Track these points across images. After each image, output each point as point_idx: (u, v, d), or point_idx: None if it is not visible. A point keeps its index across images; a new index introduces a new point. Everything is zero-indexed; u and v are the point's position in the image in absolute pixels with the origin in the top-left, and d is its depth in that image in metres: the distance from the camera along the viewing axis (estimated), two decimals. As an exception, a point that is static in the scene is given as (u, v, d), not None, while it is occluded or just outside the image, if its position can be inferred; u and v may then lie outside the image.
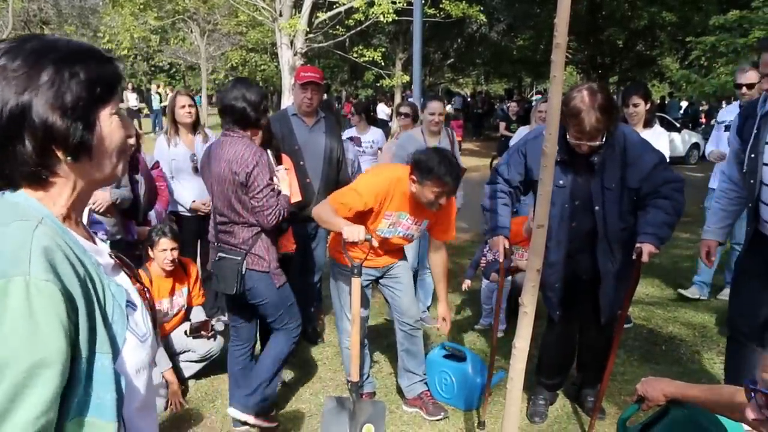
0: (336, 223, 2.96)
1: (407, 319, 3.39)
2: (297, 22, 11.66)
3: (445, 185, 2.91)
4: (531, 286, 2.27)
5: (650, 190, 2.86)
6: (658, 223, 2.80)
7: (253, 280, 3.03)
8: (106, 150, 1.02)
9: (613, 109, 2.77)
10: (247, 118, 3.01)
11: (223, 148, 2.98)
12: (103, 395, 0.93)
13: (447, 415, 3.40)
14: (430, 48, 24.59)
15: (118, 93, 1.04)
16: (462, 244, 7.09)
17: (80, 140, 0.97)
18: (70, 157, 0.98)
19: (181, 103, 4.32)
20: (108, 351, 0.94)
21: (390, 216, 3.11)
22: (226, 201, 3.00)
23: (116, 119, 1.03)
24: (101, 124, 1.00)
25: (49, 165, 0.98)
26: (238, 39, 21.32)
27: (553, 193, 2.90)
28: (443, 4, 13.20)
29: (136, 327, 1.04)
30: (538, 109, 5.35)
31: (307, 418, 3.42)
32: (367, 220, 3.09)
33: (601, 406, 3.39)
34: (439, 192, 2.94)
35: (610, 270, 3.04)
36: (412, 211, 3.14)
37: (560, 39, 1.95)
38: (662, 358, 4.11)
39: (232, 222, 3.03)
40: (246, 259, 3.01)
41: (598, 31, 19.31)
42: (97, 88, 0.99)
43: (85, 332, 0.91)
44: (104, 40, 17.32)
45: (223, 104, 3.04)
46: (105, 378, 0.93)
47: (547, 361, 3.43)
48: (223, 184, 2.97)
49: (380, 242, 3.15)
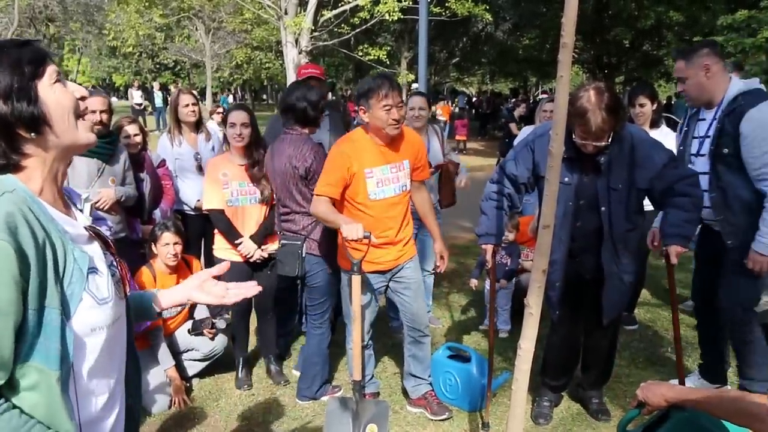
0: (335, 220, 2.96)
1: (417, 325, 3.35)
2: (302, 20, 11.64)
3: (386, 96, 2.94)
4: (537, 287, 2.25)
5: (664, 189, 2.83)
6: (681, 222, 2.79)
7: (310, 263, 3.36)
8: (59, 115, 1.16)
9: (620, 109, 2.74)
10: (307, 116, 3.39)
11: (284, 145, 3.36)
12: (48, 345, 1.06)
13: (451, 415, 3.38)
14: (435, 47, 24.59)
15: (48, 65, 1.17)
16: (467, 243, 7.06)
17: (31, 114, 1.12)
18: (33, 133, 1.13)
19: (185, 102, 4.30)
20: (57, 306, 1.07)
21: (371, 174, 3.07)
22: (288, 192, 3.37)
23: (58, 86, 1.17)
24: (43, 95, 1.14)
25: (17, 148, 1.14)
26: (243, 37, 21.37)
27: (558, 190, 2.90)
28: (449, 2, 13.15)
29: (97, 290, 1.17)
30: (543, 108, 5.33)
31: (311, 418, 3.41)
32: (358, 191, 3.07)
33: (606, 408, 3.38)
34: (387, 105, 2.95)
35: (615, 271, 3.01)
36: (386, 159, 3.11)
37: (567, 39, 1.93)
38: (667, 361, 4.08)
39: (293, 212, 3.39)
40: (305, 243, 3.35)
41: (605, 30, 19.20)
42: (24, 68, 1.13)
43: (35, 287, 1.05)
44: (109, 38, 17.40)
45: (285, 104, 3.42)
46: (52, 330, 1.06)
47: (551, 363, 3.41)
48: (285, 177, 3.34)
49: (384, 210, 3.11)
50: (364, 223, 2.90)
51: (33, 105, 1.13)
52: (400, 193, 3.17)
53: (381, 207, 3.11)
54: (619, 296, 3.12)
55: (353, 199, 3.10)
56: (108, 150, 3.57)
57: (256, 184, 3.59)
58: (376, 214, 3.10)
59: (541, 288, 2.26)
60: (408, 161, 3.20)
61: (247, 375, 3.80)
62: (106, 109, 3.57)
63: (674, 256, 2.80)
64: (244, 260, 3.60)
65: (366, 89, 3.01)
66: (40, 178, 1.17)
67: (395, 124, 3.01)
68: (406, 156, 3.19)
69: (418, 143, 3.33)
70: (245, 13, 16.45)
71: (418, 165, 3.29)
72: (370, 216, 3.08)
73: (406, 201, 3.25)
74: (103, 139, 3.56)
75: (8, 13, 22.75)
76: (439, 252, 3.42)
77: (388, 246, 3.17)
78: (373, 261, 3.13)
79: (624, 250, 2.99)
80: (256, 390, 3.73)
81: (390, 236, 3.15)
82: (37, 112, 1.13)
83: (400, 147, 3.17)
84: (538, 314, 2.28)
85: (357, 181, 3.07)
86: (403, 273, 3.29)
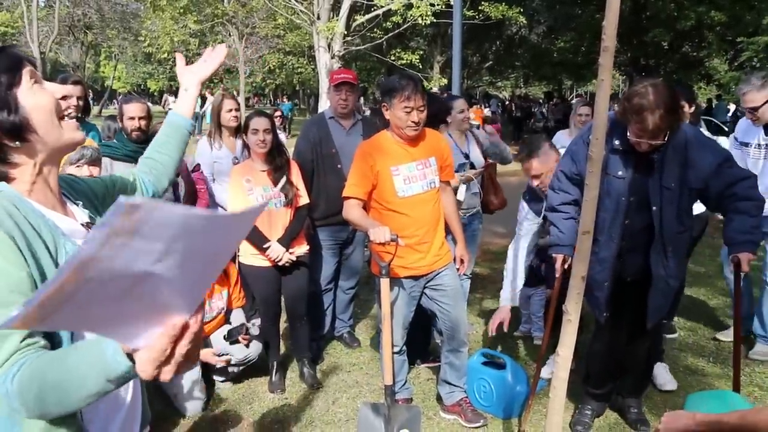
0: (364, 225, 3.00)
1: (456, 334, 3.30)
2: (335, 25, 11.72)
3: (408, 99, 2.95)
4: (575, 293, 2.21)
5: (722, 189, 2.74)
6: (749, 229, 2.70)
7: None
8: (42, 119, 1.15)
9: (678, 107, 2.67)
10: None
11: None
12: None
13: (486, 422, 3.34)
14: (468, 50, 24.48)
15: (23, 70, 1.15)
16: (500, 249, 6.98)
17: (13, 124, 1.11)
18: (17, 142, 1.13)
19: (228, 107, 4.33)
20: None
21: (397, 171, 3.07)
22: None
23: (36, 88, 1.15)
24: (23, 101, 1.13)
25: (3, 158, 1.14)
26: (275, 42, 21.59)
27: (610, 184, 2.84)
28: (482, 5, 13.10)
29: None
30: (578, 113, 5.25)
31: (344, 422, 3.40)
32: (385, 190, 3.07)
33: (645, 417, 3.30)
34: (408, 107, 2.96)
35: (662, 274, 2.92)
36: (411, 157, 3.11)
37: (608, 42, 1.89)
38: (709, 371, 3.97)
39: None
40: None
41: (642, 31, 18.84)
42: (1, 78, 1.11)
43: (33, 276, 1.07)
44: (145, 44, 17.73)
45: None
46: None
47: (595, 370, 3.31)
48: None
49: (414, 208, 3.08)
50: (396, 224, 2.90)
51: (14, 114, 1.12)
52: (429, 189, 3.14)
53: (411, 205, 3.09)
54: (665, 300, 3.02)
55: (383, 199, 3.09)
56: (147, 155, 3.64)
57: (280, 188, 3.62)
58: (407, 213, 3.08)
59: (580, 294, 2.21)
60: (435, 158, 3.18)
61: (281, 379, 3.82)
62: (144, 115, 3.64)
63: (746, 264, 2.67)
64: (273, 264, 3.62)
65: (390, 87, 3.04)
66: (29, 181, 1.17)
67: (414, 126, 3.01)
68: (432, 153, 3.18)
69: (443, 142, 3.33)
70: (278, 19, 16.67)
71: (443, 164, 3.27)
72: (400, 215, 3.06)
73: (437, 200, 3.21)
74: (141, 145, 3.62)
75: (48, 21, 23.43)
76: (459, 256, 3.37)
77: (422, 247, 3.13)
78: (408, 266, 3.11)
79: (673, 252, 2.89)
80: (289, 394, 3.74)
81: (421, 235, 3.11)
82: (18, 120, 1.12)
83: (425, 145, 3.16)
84: (576, 321, 2.23)
85: (384, 180, 3.07)
86: (439, 280, 3.24)
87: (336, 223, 4.06)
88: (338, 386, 3.83)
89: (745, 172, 2.86)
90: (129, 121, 3.60)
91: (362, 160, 3.10)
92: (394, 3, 11.77)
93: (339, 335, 4.47)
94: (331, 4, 12.43)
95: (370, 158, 3.07)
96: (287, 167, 3.68)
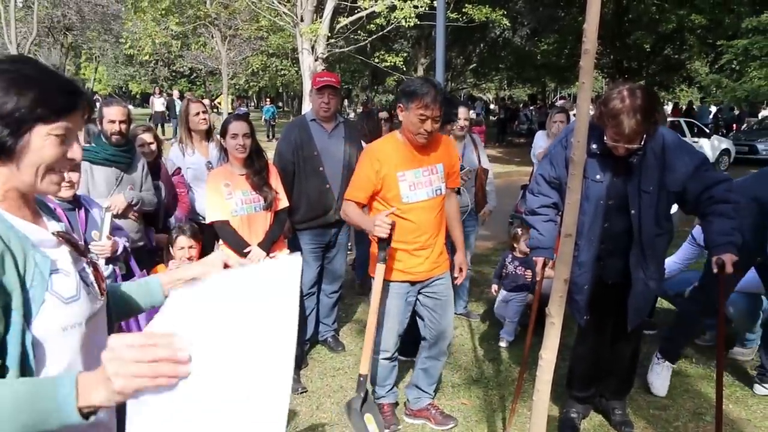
0: (363, 222, 3.02)
1: (440, 343, 3.28)
2: (318, 27, 11.68)
3: (426, 107, 2.88)
4: (558, 296, 2.20)
5: (700, 192, 2.77)
6: (729, 231, 2.71)
7: None
8: (30, 161, 1.14)
9: (655, 111, 2.67)
10: None
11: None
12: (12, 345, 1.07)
13: (457, 423, 3.33)
14: (452, 53, 24.55)
15: (65, 120, 1.15)
16: (484, 252, 7.00)
17: (4, 143, 1.11)
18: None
19: (195, 111, 4.26)
20: (19, 308, 1.08)
21: (403, 177, 3.04)
22: None
23: (53, 140, 1.14)
24: (32, 138, 1.13)
25: None
26: (258, 44, 21.46)
27: (589, 188, 2.84)
28: (466, 8, 13.13)
29: (61, 290, 1.16)
30: (553, 120, 5.34)
31: (328, 428, 3.37)
32: (390, 194, 3.04)
33: (629, 419, 3.31)
34: (424, 115, 2.90)
35: (641, 277, 2.94)
36: (419, 163, 3.08)
37: (589, 45, 1.88)
38: (692, 370, 3.99)
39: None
40: None
41: (625, 34, 19.03)
42: (39, 109, 1.11)
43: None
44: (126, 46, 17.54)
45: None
46: (15, 331, 1.08)
47: (578, 373, 3.32)
48: None
49: (419, 214, 3.06)
50: (398, 229, 2.89)
51: (12, 137, 1.11)
52: (435, 196, 3.11)
53: (415, 211, 3.06)
54: (645, 302, 3.04)
55: (388, 203, 3.06)
56: (126, 158, 3.60)
57: (259, 192, 3.58)
58: (411, 218, 3.05)
59: (563, 298, 2.21)
60: (442, 165, 3.15)
61: (264, 384, 3.77)
62: (125, 119, 3.58)
63: (730, 265, 2.67)
64: None
65: (410, 90, 2.95)
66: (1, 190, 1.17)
67: (425, 134, 2.97)
68: (439, 160, 3.14)
69: (452, 149, 3.30)
70: (261, 21, 16.56)
71: (451, 171, 3.24)
72: (404, 220, 3.03)
73: (442, 207, 3.19)
74: (121, 148, 3.57)
75: (27, 23, 23.09)
76: (458, 264, 3.33)
77: (422, 252, 3.11)
78: (406, 270, 3.10)
79: (652, 255, 2.91)
80: (273, 399, 3.70)
81: (422, 241, 3.10)
82: (9, 144, 1.12)
83: (434, 151, 3.13)
84: (560, 324, 2.22)
85: (389, 184, 3.04)
86: (434, 288, 3.21)
87: (317, 226, 4.04)
88: (323, 391, 3.79)
89: (722, 175, 2.89)
90: (109, 125, 3.54)
91: (368, 165, 3.05)
92: (378, 5, 11.76)
93: (323, 339, 4.44)
94: (314, 6, 12.38)
95: (376, 163, 3.02)
96: (266, 171, 3.65)
